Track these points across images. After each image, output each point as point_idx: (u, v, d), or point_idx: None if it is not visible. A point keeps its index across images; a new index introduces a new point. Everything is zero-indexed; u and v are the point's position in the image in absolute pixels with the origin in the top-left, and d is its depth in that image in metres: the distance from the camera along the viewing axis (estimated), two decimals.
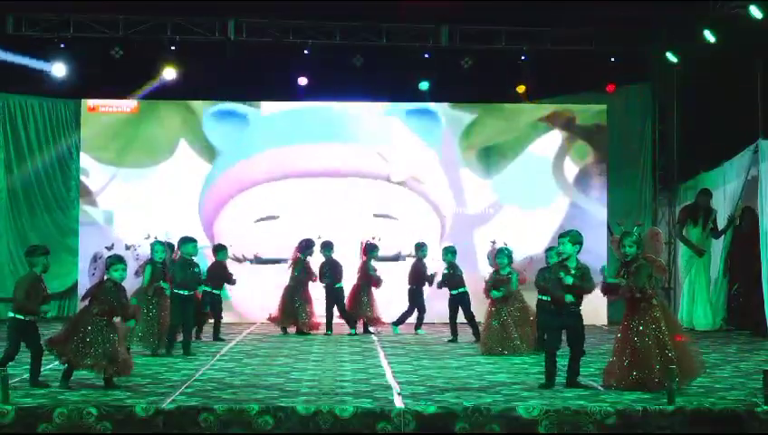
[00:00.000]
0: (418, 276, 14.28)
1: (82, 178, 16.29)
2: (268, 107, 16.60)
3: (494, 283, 11.99)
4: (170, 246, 12.27)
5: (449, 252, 13.64)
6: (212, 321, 13.59)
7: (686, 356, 9.02)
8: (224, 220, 16.20)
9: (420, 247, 14.49)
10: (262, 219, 16.18)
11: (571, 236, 9.25)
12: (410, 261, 14.85)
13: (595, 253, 15.79)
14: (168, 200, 16.08)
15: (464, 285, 13.45)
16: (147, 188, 16.19)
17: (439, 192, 16.61)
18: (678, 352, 8.93)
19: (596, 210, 16.55)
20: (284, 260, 14.71)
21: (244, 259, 15.75)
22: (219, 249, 13.99)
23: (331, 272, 14.35)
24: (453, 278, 13.44)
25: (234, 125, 16.37)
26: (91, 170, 16.20)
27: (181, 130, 16.37)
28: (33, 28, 15.94)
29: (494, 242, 12.70)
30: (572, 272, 9.07)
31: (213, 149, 16.33)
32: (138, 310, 9.61)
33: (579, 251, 9.26)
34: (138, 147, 16.30)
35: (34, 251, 9.30)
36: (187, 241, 12.09)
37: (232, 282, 13.81)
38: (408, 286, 14.40)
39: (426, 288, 14.36)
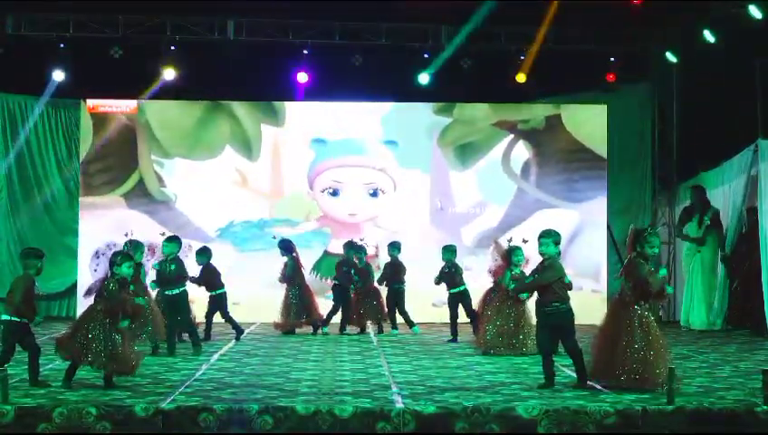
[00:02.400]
0: (394, 276, 14.42)
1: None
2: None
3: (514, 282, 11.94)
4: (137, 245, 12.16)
5: (449, 250, 13.64)
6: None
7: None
8: None
9: (393, 246, 14.58)
10: None
11: (555, 236, 9.29)
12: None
13: (594, 252, 15.90)
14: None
15: (464, 283, 13.45)
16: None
17: (432, 191, 16.70)
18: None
19: (595, 210, 16.54)
20: None
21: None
22: (203, 252, 13.74)
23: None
24: (453, 277, 13.44)
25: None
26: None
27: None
28: (33, 28, 15.95)
29: (510, 240, 12.72)
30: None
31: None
32: (140, 308, 9.56)
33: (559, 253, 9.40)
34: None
35: (29, 254, 9.32)
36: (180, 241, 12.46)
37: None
38: (387, 287, 14.51)
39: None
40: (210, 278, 13.42)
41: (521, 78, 16.39)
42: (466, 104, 16.77)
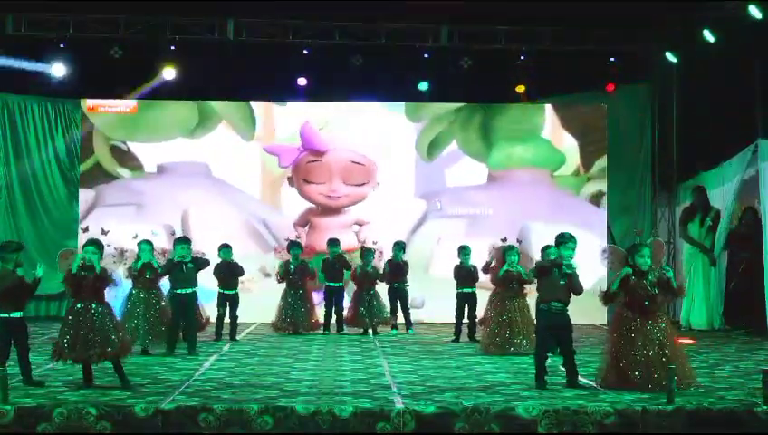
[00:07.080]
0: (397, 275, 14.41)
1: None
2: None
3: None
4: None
5: (466, 252, 13.53)
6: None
7: (683, 360, 9.05)
8: None
9: (397, 246, 14.58)
10: None
11: (574, 241, 9.27)
12: None
13: (594, 253, 15.88)
14: None
15: (474, 285, 13.44)
16: None
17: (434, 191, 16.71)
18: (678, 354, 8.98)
19: (595, 210, 16.52)
20: None
21: None
22: (224, 247, 13.86)
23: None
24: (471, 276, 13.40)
25: None
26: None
27: None
28: (34, 28, 15.95)
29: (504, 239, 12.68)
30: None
31: None
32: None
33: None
34: None
35: (6, 247, 9.23)
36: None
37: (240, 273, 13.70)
38: (388, 286, 14.48)
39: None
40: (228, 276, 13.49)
41: (520, 89, 16.46)
42: (466, 105, 16.78)
